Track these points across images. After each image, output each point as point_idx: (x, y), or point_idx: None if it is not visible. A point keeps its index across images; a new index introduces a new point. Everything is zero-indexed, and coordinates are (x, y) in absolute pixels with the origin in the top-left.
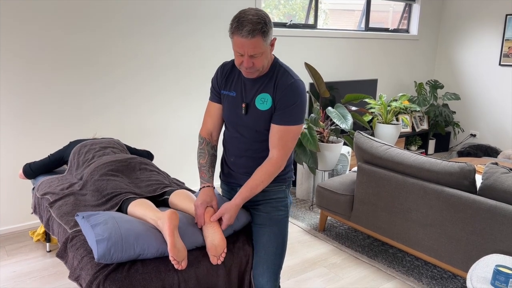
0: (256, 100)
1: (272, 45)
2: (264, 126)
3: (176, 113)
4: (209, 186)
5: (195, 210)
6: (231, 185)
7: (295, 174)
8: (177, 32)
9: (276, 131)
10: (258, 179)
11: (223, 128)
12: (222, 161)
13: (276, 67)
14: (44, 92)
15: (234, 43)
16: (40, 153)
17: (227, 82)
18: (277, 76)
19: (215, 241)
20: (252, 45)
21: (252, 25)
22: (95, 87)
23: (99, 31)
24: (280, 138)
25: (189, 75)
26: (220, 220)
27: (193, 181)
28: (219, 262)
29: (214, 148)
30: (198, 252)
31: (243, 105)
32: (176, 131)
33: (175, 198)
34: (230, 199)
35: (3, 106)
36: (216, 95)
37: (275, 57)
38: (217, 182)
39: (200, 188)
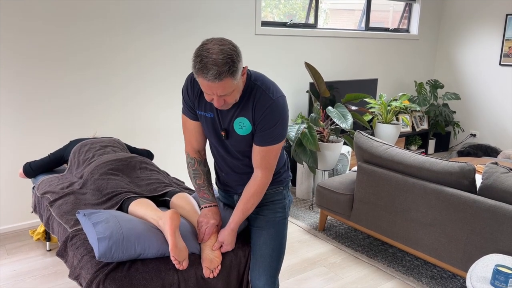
0: (234, 124)
1: (243, 74)
2: (246, 147)
3: (176, 112)
4: (215, 205)
5: (199, 225)
6: (228, 192)
7: (295, 173)
8: (178, 31)
9: (258, 152)
10: (249, 203)
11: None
12: (216, 170)
13: (252, 87)
14: (44, 91)
15: (200, 83)
16: (40, 152)
17: (200, 103)
18: (254, 97)
19: (211, 255)
20: (220, 87)
21: (217, 68)
22: (96, 86)
23: (100, 30)
24: (263, 158)
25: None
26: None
27: None
28: (211, 276)
29: (206, 163)
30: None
31: (223, 133)
32: (176, 131)
33: (177, 202)
34: (228, 205)
35: (3, 105)
36: (191, 111)
37: (247, 72)
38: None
39: (204, 207)
